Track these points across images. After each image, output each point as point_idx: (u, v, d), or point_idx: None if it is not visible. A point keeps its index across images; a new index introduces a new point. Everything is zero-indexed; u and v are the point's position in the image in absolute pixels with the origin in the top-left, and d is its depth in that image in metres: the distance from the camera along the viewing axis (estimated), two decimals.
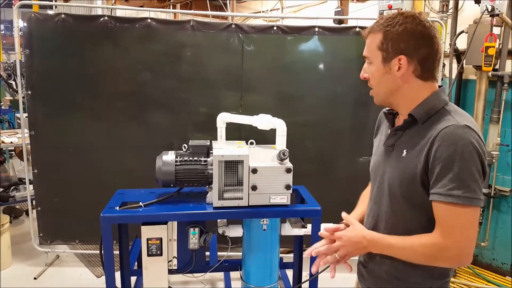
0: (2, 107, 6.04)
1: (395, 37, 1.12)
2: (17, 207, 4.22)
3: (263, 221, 2.00)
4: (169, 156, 1.97)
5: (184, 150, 2.02)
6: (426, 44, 1.12)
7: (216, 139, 2.18)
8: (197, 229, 2.08)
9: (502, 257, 3.29)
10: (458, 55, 3.34)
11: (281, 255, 2.34)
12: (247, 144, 2.08)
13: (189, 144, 2.01)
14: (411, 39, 1.11)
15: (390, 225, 1.22)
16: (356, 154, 3.13)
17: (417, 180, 1.11)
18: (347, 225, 1.27)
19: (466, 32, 3.17)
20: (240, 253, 2.18)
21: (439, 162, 1.04)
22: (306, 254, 1.30)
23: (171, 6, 5.95)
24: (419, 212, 1.15)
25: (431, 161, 1.07)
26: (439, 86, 1.19)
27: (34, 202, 3.17)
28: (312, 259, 2.05)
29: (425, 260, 1.12)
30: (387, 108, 1.31)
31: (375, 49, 1.16)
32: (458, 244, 1.06)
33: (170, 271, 2.16)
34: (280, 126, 2.00)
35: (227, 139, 2.19)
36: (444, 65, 3.35)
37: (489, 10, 2.82)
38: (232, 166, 1.88)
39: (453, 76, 3.30)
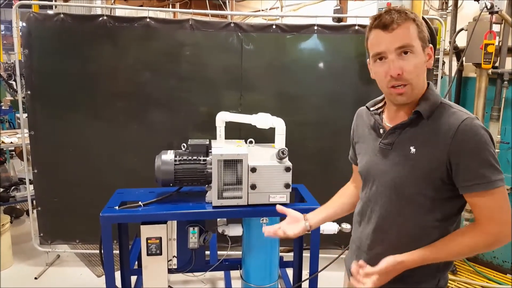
0: (3, 107, 6.04)
1: (424, 27, 1.13)
2: (18, 207, 4.23)
3: (263, 220, 2.01)
4: (168, 156, 1.97)
5: (183, 149, 2.02)
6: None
7: (215, 138, 2.18)
8: (196, 228, 2.08)
9: (503, 255, 3.29)
10: (458, 52, 3.33)
11: (281, 254, 2.34)
12: (246, 143, 2.08)
13: (188, 143, 2.01)
14: (430, 31, 1.16)
15: (398, 224, 1.20)
16: None
17: (433, 175, 1.11)
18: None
19: (466, 30, 3.16)
20: (240, 252, 2.18)
21: (468, 155, 1.07)
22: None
23: (170, 6, 5.95)
24: (433, 208, 1.14)
25: (456, 155, 1.08)
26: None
27: (34, 202, 3.17)
28: (312, 258, 2.07)
29: (482, 251, 1.14)
30: (372, 108, 1.30)
31: (416, 37, 1.10)
32: (508, 223, 1.09)
33: (170, 271, 2.16)
34: (279, 125, 2.00)
35: (227, 138, 2.19)
36: (444, 63, 3.34)
37: (489, 7, 2.81)
38: (231, 165, 1.89)
39: (453, 73, 3.30)
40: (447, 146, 1.08)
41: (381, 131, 1.24)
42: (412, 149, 1.14)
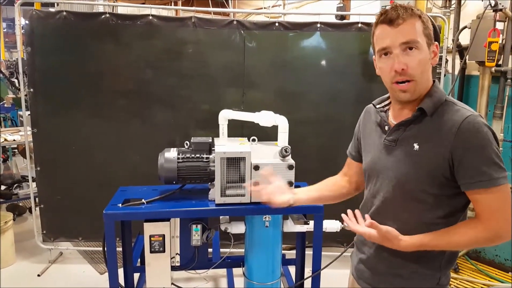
0: (5, 105, 6.07)
1: (429, 24, 1.13)
2: (21, 204, 4.24)
3: (265, 217, 2.01)
4: (171, 153, 1.97)
5: (186, 147, 2.02)
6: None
7: (218, 136, 2.18)
8: (199, 226, 2.08)
9: (505, 253, 3.29)
10: (461, 50, 3.32)
11: (283, 251, 2.34)
12: (249, 141, 2.08)
13: (191, 141, 2.02)
14: (434, 29, 1.15)
15: (402, 221, 1.19)
16: None
17: (436, 172, 1.11)
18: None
19: (469, 28, 3.15)
20: (243, 250, 2.19)
21: (471, 152, 1.06)
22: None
23: (172, 3, 5.94)
24: (436, 205, 1.14)
25: (458, 152, 1.07)
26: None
27: (37, 199, 3.18)
28: (314, 256, 2.07)
29: (482, 245, 1.16)
30: (378, 105, 1.30)
31: (421, 33, 1.11)
32: (509, 221, 1.09)
33: (173, 268, 2.16)
34: (282, 122, 2.00)
35: (229, 136, 2.19)
36: (447, 61, 3.33)
37: (492, 5, 2.80)
38: (234, 163, 1.89)
39: (456, 71, 3.29)
40: (450, 143, 1.08)
41: (386, 128, 1.25)
42: (416, 146, 1.15)
